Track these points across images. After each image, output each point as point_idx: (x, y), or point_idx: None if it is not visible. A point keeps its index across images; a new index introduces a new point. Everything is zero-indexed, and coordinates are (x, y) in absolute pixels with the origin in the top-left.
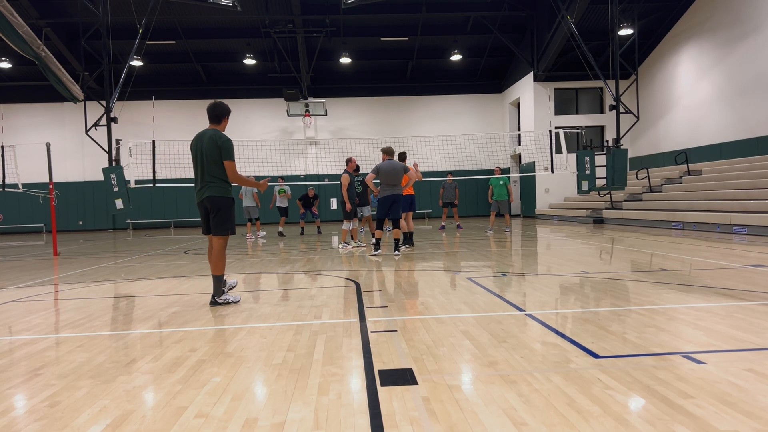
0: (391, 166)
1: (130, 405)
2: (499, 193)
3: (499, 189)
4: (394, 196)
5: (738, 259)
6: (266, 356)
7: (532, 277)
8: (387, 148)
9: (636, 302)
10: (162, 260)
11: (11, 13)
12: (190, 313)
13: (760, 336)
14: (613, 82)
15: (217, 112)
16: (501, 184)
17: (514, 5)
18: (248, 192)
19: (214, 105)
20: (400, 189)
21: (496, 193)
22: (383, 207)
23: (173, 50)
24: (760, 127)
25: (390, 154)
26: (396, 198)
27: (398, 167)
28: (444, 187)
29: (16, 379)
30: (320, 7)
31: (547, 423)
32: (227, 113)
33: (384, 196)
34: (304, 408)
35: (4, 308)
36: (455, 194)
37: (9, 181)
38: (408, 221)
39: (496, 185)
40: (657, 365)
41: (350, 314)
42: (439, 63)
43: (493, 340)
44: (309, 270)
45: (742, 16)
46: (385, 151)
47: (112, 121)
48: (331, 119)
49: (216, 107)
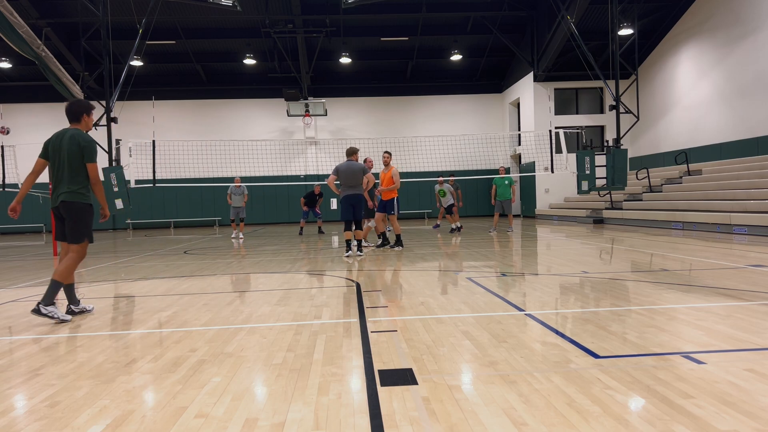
0: (349, 167)
1: (130, 405)
2: (503, 192)
3: (503, 189)
4: (353, 197)
5: (738, 259)
6: (266, 356)
7: (532, 277)
8: (348, 148)
9: (636, 302)
10: (162, 260)
11: (11, 13)
12: (190, 313)
13: (760, 336)
14: (613, 82)
15: (75, 110)
16: (506, 184)
17: (514, 5)
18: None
19: (70, 104)
20: (360, 190)
21: (500, 193)
22: (345, 208)
23: (173, 50)
24: (760, 127)
25: (350, 155)
26: (356, 199)
27: (356, 168)
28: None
29: (16, 379)
30: (320, 7)
31: (547, 423)
32: (87, 110)
33: (344, 196)
34: (304, 408)
35: (4, 308)
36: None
37: (9, 181)
38: (393, 223)
39: (500, 185)
40: (657, 365)
41: (350, 314)
42: (439, 63)
43: (493, 340)
44: (309, 270)
45: (742, 16)
46: (346, 151)
47: (112, 121)
48: (331, 119)
49: (73, 105)
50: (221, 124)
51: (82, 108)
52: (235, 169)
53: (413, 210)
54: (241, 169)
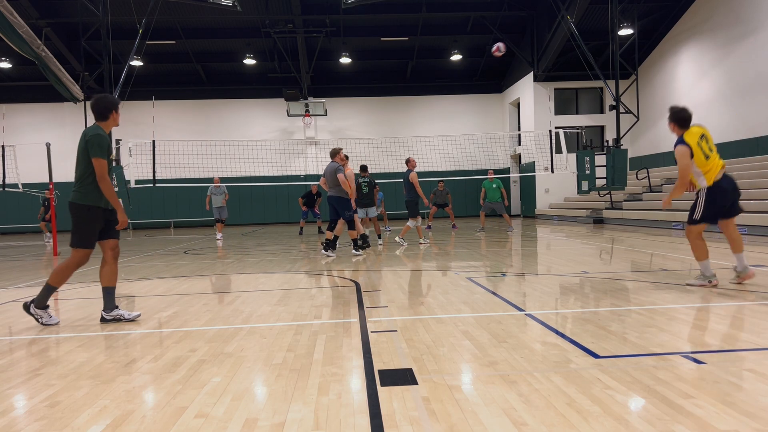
0: (329, 168)
1: (130, 405)
2: (492, 196)
3: (492, 192)
4: (333, 197)
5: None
6: (266, 356)
7: (532, 277)
8: (331, 149)
9: (636, 302)
10: (162, 260)
11: (11, 13)
12: (190, 313)
13: (760, 336)
14: (613, 82)
15: (100, 106)
16: (494, 188)
17: (514, 5)
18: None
19: (96, 100)
20: (340, 190)
21: (489, 196)
22: (330, 208)
23: (173, 50)
24: (760, 127)
25: (332, 156)
26: (335, 199)
27: (332, 168)
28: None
29: (16, 379)
30: (320, 7)
31: (547, 423)
32: (114, 106)
33: (327, 196)
34: (304, 408)
35: (4, 308)
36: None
37: (9, 181)
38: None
39: (489, 188)
40: (657, 365)
41: (350, 314)
42: (439, 63)
43: (493, 340)
44: (309, 270)
45: (742, 16)
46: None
47: None
48: (331, 119)
49: (99, 101)
50: (221, 124)
51: (109, 104)
52: (236, 169)
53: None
54: (241, 169)
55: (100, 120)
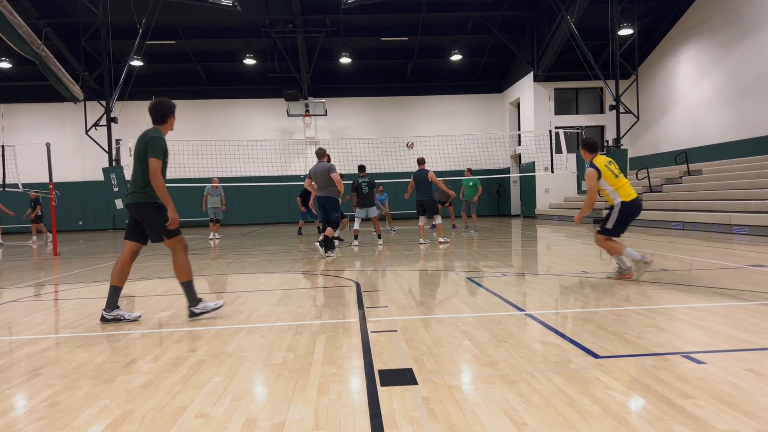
0: (318, 169)
1: (130, 405)
2: (468, 193)
3: (468, 190)
4: (322, 197)
5: (738, 259)
6: (266, 356)
7: (532, 277)
8: (317, 149)
9: (636, 302)
10: (162, 260)
11: (11, 13)
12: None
13: (760, 336)
14: (613, 82)
15: (159, 110)
16: (471, 186)
17: (514, 5)
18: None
19: (155, 104)
20: (330, 191)
21: (465, 194)
22: (320, 208)
23: (173, 50)
24: (760, 127)
25: (320, 156)
26: (324, 200)
27: (323, 169)
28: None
29: (16, 379)
30: (320, 7)
31: (547, 423)
32: (172, 111)
33: (317, 197)
34: (304, 408)
35: (4, 308)
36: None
37: (9, 181)
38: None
39: (466, 186)
40: (657, 365)
41: (350, 314)
42: (439, 63)
43: (493, 340)
44: (309, 270)
45: (742, 16)
46: (316, 153)
47: (112, 121)
48: (331, 119)
49: (158, 105)
50: (221, 124)
51: (167, 108)
52: (235, 169)
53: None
54: (241, 169)
55: (159, 123)
